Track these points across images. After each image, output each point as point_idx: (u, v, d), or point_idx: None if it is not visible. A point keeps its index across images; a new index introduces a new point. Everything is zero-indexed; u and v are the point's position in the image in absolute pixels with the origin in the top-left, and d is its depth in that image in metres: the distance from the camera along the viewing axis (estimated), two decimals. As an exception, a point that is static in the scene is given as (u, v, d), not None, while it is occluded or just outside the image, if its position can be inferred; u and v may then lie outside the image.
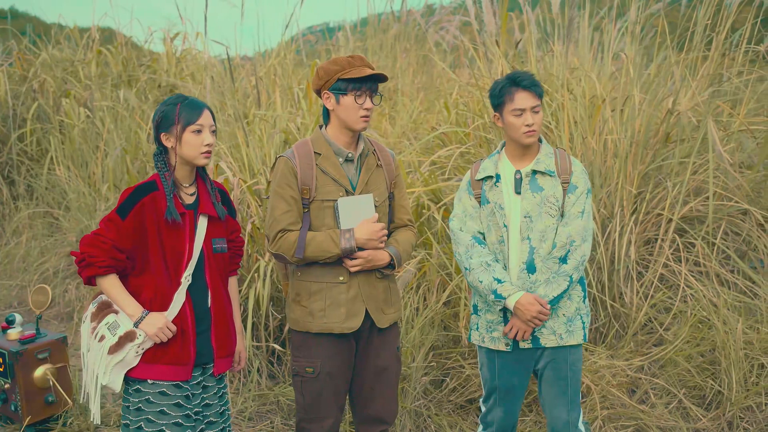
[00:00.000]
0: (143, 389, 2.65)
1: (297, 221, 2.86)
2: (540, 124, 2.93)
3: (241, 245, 2.98)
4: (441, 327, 4.42)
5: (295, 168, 2.85)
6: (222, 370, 2.81)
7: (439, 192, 4.94)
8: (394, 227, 3.07)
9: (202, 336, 2.72)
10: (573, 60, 5.59)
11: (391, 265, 2.92)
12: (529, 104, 2.90)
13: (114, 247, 2.58)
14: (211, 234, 2.76)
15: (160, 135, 2.69)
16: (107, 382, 2.62)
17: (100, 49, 8.34)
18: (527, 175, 2.94)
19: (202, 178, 2.80)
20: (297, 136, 5.64)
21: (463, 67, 8.13)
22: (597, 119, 4.85)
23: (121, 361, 2.61)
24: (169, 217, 2.61)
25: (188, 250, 2.67)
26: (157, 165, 2.69)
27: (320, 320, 2.85)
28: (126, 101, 7.25)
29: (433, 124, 6.34)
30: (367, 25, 8.78)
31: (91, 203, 6.40)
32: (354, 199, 2.86)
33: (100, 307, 2.70)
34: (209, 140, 2.67)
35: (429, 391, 4.21)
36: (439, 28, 8.76)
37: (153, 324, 2.59)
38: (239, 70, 7.73)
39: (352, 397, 3.06)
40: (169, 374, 2.65)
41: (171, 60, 8.13)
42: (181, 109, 2.64)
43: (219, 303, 2.78)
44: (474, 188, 3.05)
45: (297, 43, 8.24)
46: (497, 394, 3.07)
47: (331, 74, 2.83)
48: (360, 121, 2.83)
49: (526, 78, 2.92)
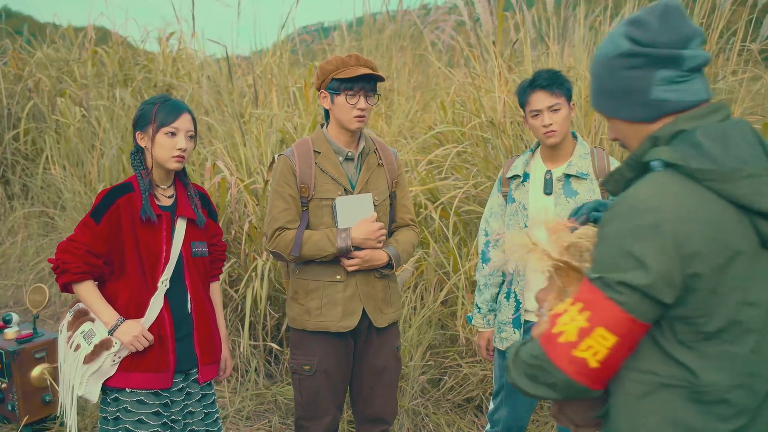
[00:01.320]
0: (121, 398, 2.58)
1: (295, 219, 2.86)
2: (563, 122, 2.85)
3: (222, 249, 2.94)
4: (438, 326, 4.43)
5: (293, 166, 2.85)
6: (208, 377, 2.75)
7: (436, 191, 4.95)
8: (396, 227, 3.07)
9: (183, 342, 2.66)
10: (569, 60, 5.60)
11: (390, 265, 2.91)
12: (545, 104, 2.84)
13: (88, 252, 2.52)
14: (191, 237, 2.69)
15: (135, 133, 2.63)
16: (84, 393, 2.55)
17: (96, 49, 8.32)
18: (559, 179, 2.89)
19: (181, 180, 2.75)
20: (294, 135, 5.65)
21: (458, 66, 8.15)
22: (592, 119, 4.86)
23: (97, 370, 2.54)
24: (144, 215, 2.54)
25: (165, 253, 2.61)
26: (134, 164, 2.63)
27: (317, 318, 2.86)
28: (122, 101, 7.24)
29: (430, 123, 6.35)
30: (362, 25, 8.78)
31: (87, 203, 6.38)
32: (352, 199, 2.85)
33: (76, 315, 2.64)
34: (182, 145, 2.58)
35: (427, 390, 4.22)
36: (434, 27, 8.77)
37: (128, 332, 2.52)
38: (235, 70, 7.73)
39: (352, 397, 3.07)
40: (148, 382, 2.58)
41: (167, 59, 8.12)
42: (158, 109, 2.57)
43: (200, 307, 2.71)
44: (503, 186, 3.05)
45: (293, 43, 8.24)
46: (504, 392, 3.07)
47: (327, 74, 2.83)
48: (354, 121, 2.82)
49: (541, 77, 2.86)
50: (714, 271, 1.38)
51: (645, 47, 1.49)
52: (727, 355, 1.41)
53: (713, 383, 1.41)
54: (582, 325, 1.41)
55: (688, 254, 1.37)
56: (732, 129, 1.46)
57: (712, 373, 1.41)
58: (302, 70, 8.08)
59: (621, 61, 1.51)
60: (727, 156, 1.41)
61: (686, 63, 1.46)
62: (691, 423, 1.42)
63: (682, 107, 1.49)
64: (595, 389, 1.45)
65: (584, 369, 1.42)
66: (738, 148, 1.43)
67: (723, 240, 1.38)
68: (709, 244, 1.37)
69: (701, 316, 1.39)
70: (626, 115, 1.55)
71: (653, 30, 1.48)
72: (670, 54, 1.47)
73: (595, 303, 1.41)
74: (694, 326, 1.41)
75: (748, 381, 1.42)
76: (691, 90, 1.49)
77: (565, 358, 1.42)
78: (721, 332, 1.40)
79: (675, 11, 1.48)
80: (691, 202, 1.39)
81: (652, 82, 1.49)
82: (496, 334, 3.03)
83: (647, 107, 1.51)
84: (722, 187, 1.39)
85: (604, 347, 1.40)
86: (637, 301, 1.38)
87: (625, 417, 1.49)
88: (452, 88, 6.47)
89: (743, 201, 1.38)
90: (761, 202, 1.38)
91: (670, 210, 1.38)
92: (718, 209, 1.39)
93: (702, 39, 1.48)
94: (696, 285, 1.38)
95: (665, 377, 1.44)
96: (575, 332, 1.42)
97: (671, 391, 1.44)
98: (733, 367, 1.41)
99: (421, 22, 8.49)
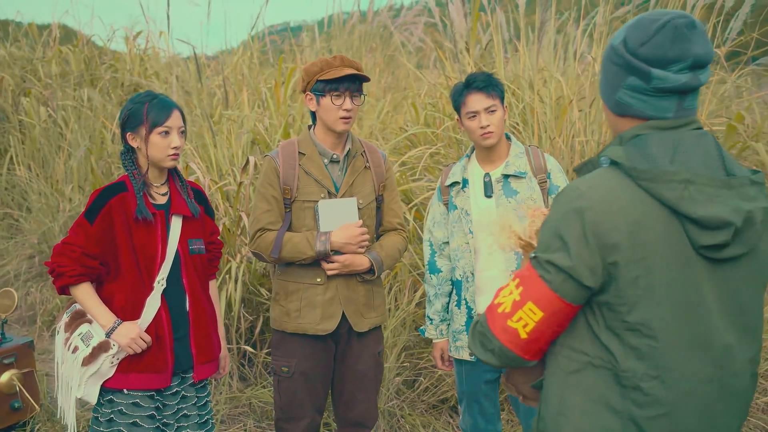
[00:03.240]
0: (116, 399, 2.56)
1: (277, 221, 2.85)
2: (498, 123, 2.86)
3: (219, 247, 2.91)
4: (413, 327, 4.43)
5: (277, 168, 2.84)
6: (203, 375, 2.72)
7: (410, 192, 4.96)
8: (383, 230, 3.04)
9: (180, 341, 2.64)
10: (539, 61, 5.64)
11: (372, 270, 2.89)
12: (482, 105, 2.84)
13: (84, 254, 2.50)
14: (187, 235, 2.67)
15: (125, 134, 2.60)
16: (82, 395, 2.54)
17: (61, 48, 8.18)
18: (498, 181, 2.90)
19: (173, 177, 2.72)
20: (265, 136, 5.61)
21: (427, 68, 8.16)
22: (563, 120, 4.90)
23: (96, 372, 2.53)
24: (140, 214, 2.52)
25: (161, 252, 2.59)
26: (125, 164, 2.61)
27: (295, 320, 2.85)
28: (90, 100, 7.13)
29: (401, 124, 6.36)
30: (331, 25, 8.75)
31: (54, 204, 6.27)
32: (336, 202, 2.83)
33: (73, 316, 2.61)
34: (177, 143, 2.57)
35: (402, 391, 4.22)
36: (404, 29, 8.78)
37: (125, 334, 2.51)
38: (204, 69, 7.65)
39: (333, 401, 3.06)
40: (146, 382, 2.56)
41: (135, 59, 8.01)
42: (149, 108, 2.54)
43: (198, 306, 2.69)
44: (443, 194, 3.04)
45: (263, 43, 8.19)
46: (466, 399, 3.07)
47: (311, 75, 2.82)
48: (339, 123, 2.80)
49: (477, 79, 2.87)
50: (632, 265, 1.45)
51: (627, 51, 1.54)
52: (645, 347, 1.48)
53: (631, 370, 1.49)
54: (516, 299, 1.55)
55: (608, 244, 1.45)
56: (689, 139, 1.51)
57: (631, 361, 1.49)
58: (271, 71, 8.03)
59: (611, 52, 1.59)
60: (673, 162, 1.47)
61: (653, 82, 1.51)
62: (612, 403, 1.51)
63: (644, 116, 1.55)
64: (527, 359, 1.59)
65: (515, 339, 1.55)
66: (687, 156, 1.48)
67: (644, 237, 1.45)
68: (628, 239, 1.45)
69: (622, 305, 1.47)
70: (603, 98, 1.65)
71: (642, 39, 1.51)
72: (641, 68, 1.51)
73: (528, 279, 1.54)
74: (618, 314, 1.49)
75: (663, 375, 1.48)
76: (656, 105, 1.54)
77: (500, 327, 1.56)
78: (641, 325, 1.48)
79: (674, 30, 1.49)
80: (619, 197, 1.46)
81: (621, 83, 1.56)
82: (452, 343, 3.02)
83: (614, 102, 1.59)
84: (652, 187, 1.45)
85: (533, 321, 1.53)
86: (562, 281, 1.49)
87: (555, 390, 1.59)
88: (423, 89, 6.49)
89: (670, 203, 1.44)
90: (687, 206, 1.44)
91: (596, 200, 1.46)
92: (646, 208, 1.46)
93: (690, 64, 1.49)
94: (616, 274, 1.46)
95: (593, 358, 1.53)
96: (510, 304, 1.55)
97: (597, 371, 1.52)
98: (650, 359, 1.48)
99: (391, 23, 8.49)
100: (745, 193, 1.48)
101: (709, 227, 1.44)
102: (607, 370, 1.51)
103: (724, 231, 1.44)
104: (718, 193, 1.45)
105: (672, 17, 1.50)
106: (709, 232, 1.44)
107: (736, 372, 1.53)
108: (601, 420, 1.52)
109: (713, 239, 1.44)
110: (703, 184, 1.44)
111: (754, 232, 1.48)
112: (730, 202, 1.45)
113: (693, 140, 1.51)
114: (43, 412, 4.00)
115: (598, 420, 1.52)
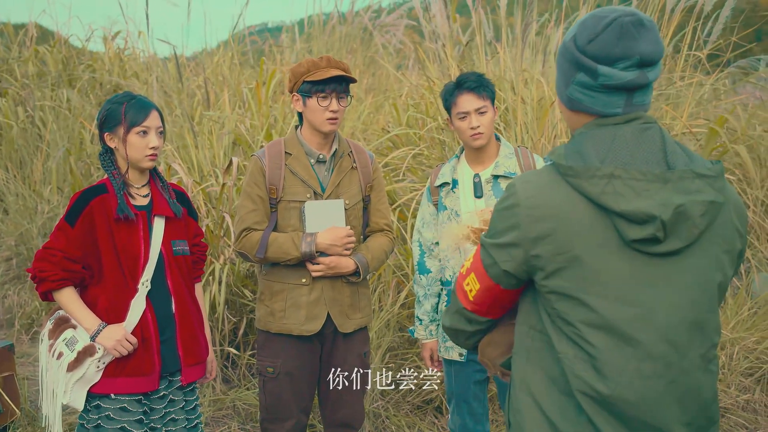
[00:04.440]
0: (103, 405, 2.53)
1: (262, 221, 2.84)
2: (489, 125, 2.86)
3: (204, 250, 2.89)
4: (397, 328, 4.43)
5: (263, 167, 2.83)
6: (191, 378, 2.70)
7: (393, 193, 4.96)
8: (370, 231, 3.04)
9: (166, 344, 2.61)
10: (522, 63, 5.67)
11: (357, 272, 2.89)
12: (472, 106, 2.84)
13: (65, 258, 2.47)
14: (170, 236, 2.64)
15: (103, 134, 2.57)
16: (68, 401, 2.49)
17: (38, 48, 8.08)
18: (488, 181, 2.90)
19: (154, 179, 2.69)
20: (247, 137, 5.59)
21: (406, 69, 8.17)
22: (545, 121, 4.93)
23: (82, 377, 2.48)
24: (121, 213, 2.49)
25: (144, 253, 2.56)
26: (104, 165, 2.58)
27: (280, 321, 2.84)
28: (68, 101, 7.05)
29: (383, 125, 6.36)
30: (311, 27, 8.73)
31: (32, 206, 6.19)
32: (322, 204, 2.82)
33: (57, 322, 2.57)
34: (155, 143, 2.55)
35: (386, 392, 4.21)
36: (385, 32, 8.79)
37: (110, 337, 2.48)
38: (184, 70, 7.60)
39: (320, 402, 3.05)
40: (133, 386, 2.53)
41: (114, 59, 7.93)
42: (126, 108, 2.52)
43: (184, 308, 2.67)
44: (433, 195, 3.04)
45: (243, 44, 8.15)
46: (455, 399, 3.07)
47: (298, 76, 2.81)
48: (326, 124, 2.80)
49: (468, 79, 2.86)
50: (556, 258, 1.52)
51: (575, 48, 1.56)
52: (572, 334, 1.54)
53: (563, 353, 1.55)
54: (468, 266, 1.73)
55: (530, 237, 1.53)
56: (628, 134, 1.53)
57: (563, 345, 1.55)
58: (251, 71, 7.99)
59: (563, 48, 1.62)
60: (605, 158, 1.50)
61: (600, 79, 1.52)
62: (561, 385, 1.56)
63: (593, 112, 1.57)
64: (480, 316, 1.75)
65: (467, 299, 1.72)
66: (622, 151, 1.51)
67: (567, 232, 1.50)
68: (551, 233, 1.51)
69: (549, 293, 1.55)
70: (557, 93, 1.68)
71: (589, 36, 1.53)
72: (588, 65, 1.53)
73: (477, 254, 1.69)
74: (548, 301, 1.57)
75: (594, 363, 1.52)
76: (603, 101, 1.55)
77: (459, 285, 1.75)
78: (566, 314, 1.53)
79: (620, 27, 1.51)
80: (547, 193, 1.53)
81: (572, 79, 1.58)
82: (441, 343, 3.02)
83: (566, 98, 1.63)
84: (576, 183, 1.50)
85: (474, 289, 1.70)
86: (490, 264, 1.63)
87: (519, 368, 1.66)
88: (404, 90, 6.49)
89: (592, 197, 1.48)
90: (609, 201, 1.47)
91: (525, 196, 1.55)
92: (573, 204, 1.51)
93: (636, 62, 1.50)
94: (540, 266, 1.54)
95: (548, 338, 1.59)
96: (466, 269, 1.73)
97: (552, 351, 1.58)
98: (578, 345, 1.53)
99: (371, 25, 8.49)
100: (683, 186, 1.47)
101: (635, 221, 1.46)
102: (554, 350, 1.57)
103: (650, 225, 1.45)
104: (647, 187, 1.46)
105: (619, 15, 1.52)
106: (636, 226, 1.46)
107: (685, 369, 1.52)
108: (557, 399, 1.56)
109: (642, 233, 1.46)
110: (630, 178, 1.46)
111: (690, 225, 1.48)
112: (658, 195, 1.46)
113: (634, 135, 1.52)
114: (23, 417, 3.95)
115: (555, 398, 1.56)
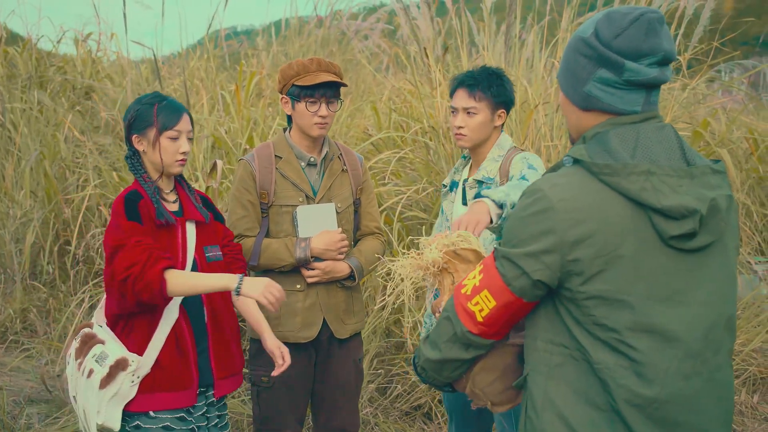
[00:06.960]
0: (143, 425, 2.35)
1: (254, 227, 2.77)
2: (475, 128, 2.69)
3: (238, 249, 2.68)
4: (385, 334, 4.38)
5: (253, 172, 2.76)
6: (225, 392, 2.53)
7: (379, 197, 4.90)
8: (361, 234, 2.99)
9: (201, 355, 2.45)
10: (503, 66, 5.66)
11: (352, 277, 2.83)
12: (461, 104, 2.70)
13: (150, 246, 2.29)
14: (203, 242, 2.51)
15: (131, 136, 2.44)
16: (103, 421, 2.28)
17: (7, 49, 7.89)
18: (471, 186, 2.77)
19: (181, 183, 2.57)
20: (226, 140, 5.50)
21: (382, 72, 8.14)
22: (528, 124, 4.92)
23: (116, 394, 2.28)
24: (161, 218, 2.36)
25: (182, 260, 2.43)
26: (132, 169, 2.45)
27: (275, 328, 2.75)
28: (39, 103, 6.89)
29: (363, 128, 6.31)
30: (287, 29, 8.66)
31: (4, 210, 6.02)
32: (314, 208, 2.77)
33: (84, 339, 2.39)
34: (186, 148, 2.42)
35: (375, 398, 4.16)
36: (362, 36, 8.76)
37: (255, 287, 2.26)
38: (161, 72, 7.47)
39: (313, 409, 2.98)
40: (172, 401, 2.35)
41: (86, 61, 7.78)
42: (158, 110, 2.39)
43: (217, 318, 2.50)
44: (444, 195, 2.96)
45: (219, 47, 8.06)
46: (455, 418, 2.99)
47: (287, 78, 2.75)
48: (315, 128, 2.74)
49: (470, 75, 2.72)
50: (597, 261, 1.46)
51: (599, 43, 1.54)
52: (612, 341, 1.49)
53: (603, 362, 1.50)
54: (476, 284, 1.62)
55: (569, 242, 1.47)
56: (649, 132, 1.53)
57: (601, 353, 1.50)
58: (226, 74, 7.90)
59: (580, 44, 1.58)
60: (634, 155, 1.49)
61: (625, 74, 1.52)
62: (592, 396, 1.52)
63: (611, 110, 1.56)
64: (484, 338, 1.64)
65: (474, 321, 1.61)
66: (648, 149, 1.50)
67: (609, 233, 1.46)
68: (592, 235, 1.46)
69: (587, 299, 1.49)
70: (566, 92, 1.64)
71: (615, 31, 1.52)
72: (615, 60, 1.51)
73: (488, 268, 1.60)
74: (583, 308, 1.50)
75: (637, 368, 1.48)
76: (625, 99, 1.55)
77: (462, 307, 1.63)
78: (606, 319, 1.49)
79: (647, 23, 1.51)
80: (581, 194, 1.49)
81: (591, 76, 1.56)
82: None
83: (580, 96, 1.59)
84: (614, 181, 1.47)
85: (487, 307, 1.59)
86: (515, 277, 1.54)
87: (539, 385, 1.59)
88: (385, 93, 6.45)
89: (632, 195, 1.46)
90: (650, 197, 1.45)
91: (558, 199, 1.48)
92: (610, 204, 1.47)
93: (660, 59, 1.51)
94: (578, 270, 1.48)
95: (573, 350, 1.54)
96: (471, 288, 1.62)
97: (578, 364, 1.53)
98: (620, 351, 1.49)
99: (347, 28, 8.46)
100: (707, 181, 1.50)
101: (675, 217, 1.46)
102: (585, 362, 1.52)
103: (690, 220, 1.46)
104: (680, 182, 1.47)
105: (644, 11, 1.52)
106: (676, 222, 1.46)
107: (719, 364, 1.53)
108: (587, 413, 1.52)
109: (681, 228, 1.46)
110: (664, 174, 1.46)
111: (720, 219, 1.51)
112: (693, 190, 1.47)
113: (654, 133, 1.53)
114: (1, 429, 3.83)
115: (584, 413, 1.52)
